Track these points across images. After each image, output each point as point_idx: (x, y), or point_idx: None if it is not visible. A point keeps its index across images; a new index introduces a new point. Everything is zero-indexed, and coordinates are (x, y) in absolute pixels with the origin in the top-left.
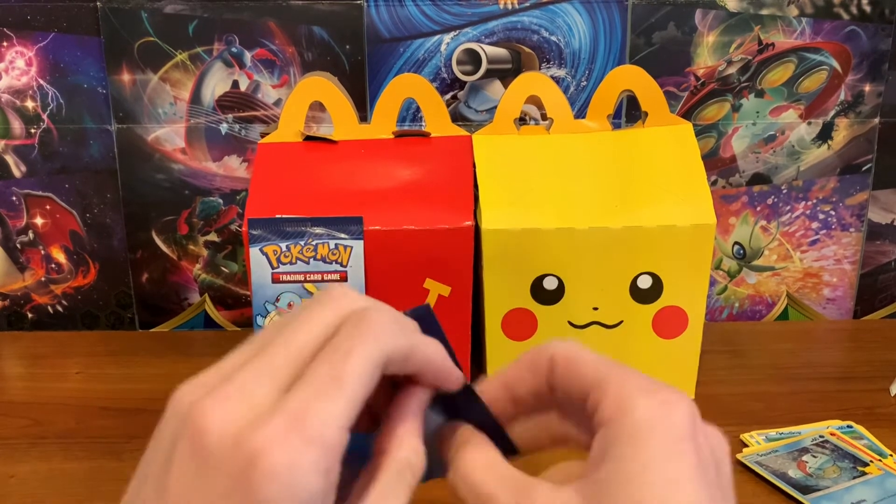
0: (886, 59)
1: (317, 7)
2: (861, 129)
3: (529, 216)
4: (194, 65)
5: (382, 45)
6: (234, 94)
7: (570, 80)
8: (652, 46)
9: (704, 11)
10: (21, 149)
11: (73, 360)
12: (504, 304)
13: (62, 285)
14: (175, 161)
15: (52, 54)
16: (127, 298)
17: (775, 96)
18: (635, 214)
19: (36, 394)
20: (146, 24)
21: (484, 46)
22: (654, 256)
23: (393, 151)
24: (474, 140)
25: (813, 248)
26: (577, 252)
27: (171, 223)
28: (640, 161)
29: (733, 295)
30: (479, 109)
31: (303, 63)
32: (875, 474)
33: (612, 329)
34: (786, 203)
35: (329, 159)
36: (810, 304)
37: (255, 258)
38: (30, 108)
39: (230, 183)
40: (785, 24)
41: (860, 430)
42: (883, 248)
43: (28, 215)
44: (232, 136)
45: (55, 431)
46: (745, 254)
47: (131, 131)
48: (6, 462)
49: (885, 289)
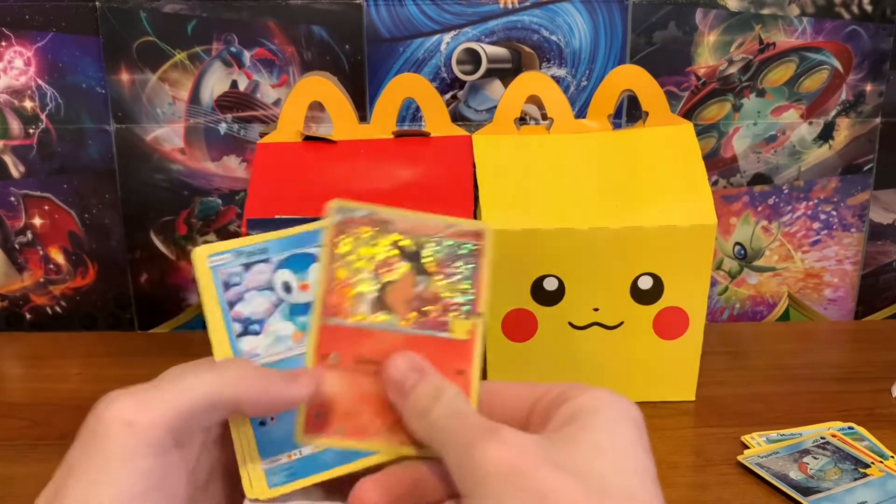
0: (887, 59)
1: (316, 6)
2: (862, 128)
3: (529, 216)
4: (193, 64)
5: (382, 44)
6: (233, 94)
7: (570, 80)
8: (652, 46)
9: (705, 11)
10: (19, 149)
11: (72, 362)
12: (504, 305)
13: (61, 286)
14: (174, 161)
15: (50, 54)
16: (126, 299)
17: (776, 96)
18: (636, 215)
19: (35, 395)
20: (145, 24)
21: (484, 46)
22: (654, 257)
23: (393, 151)
24: (474, 140)
25: (814, 249)
26: (578, 252)
27: (169, 223)
28: (640, 161)
29: (734, 295)
30: (479, 109)
31: (302, 63)
32: (876, 476)
33: (612, 330)
34: (787, 203)
35: (328, 159)
36: (811, 304)
37: None
38: (28, 108)
39: (229, 183)
40: (786, 24)
41: (861, 432)
42: (884, 249)
43: (26, 216)
44: (231, 136)
45: (54, 433)
46: (746, 254)
47: (130, 131)
48: (5, 464)
49: (886, 289)
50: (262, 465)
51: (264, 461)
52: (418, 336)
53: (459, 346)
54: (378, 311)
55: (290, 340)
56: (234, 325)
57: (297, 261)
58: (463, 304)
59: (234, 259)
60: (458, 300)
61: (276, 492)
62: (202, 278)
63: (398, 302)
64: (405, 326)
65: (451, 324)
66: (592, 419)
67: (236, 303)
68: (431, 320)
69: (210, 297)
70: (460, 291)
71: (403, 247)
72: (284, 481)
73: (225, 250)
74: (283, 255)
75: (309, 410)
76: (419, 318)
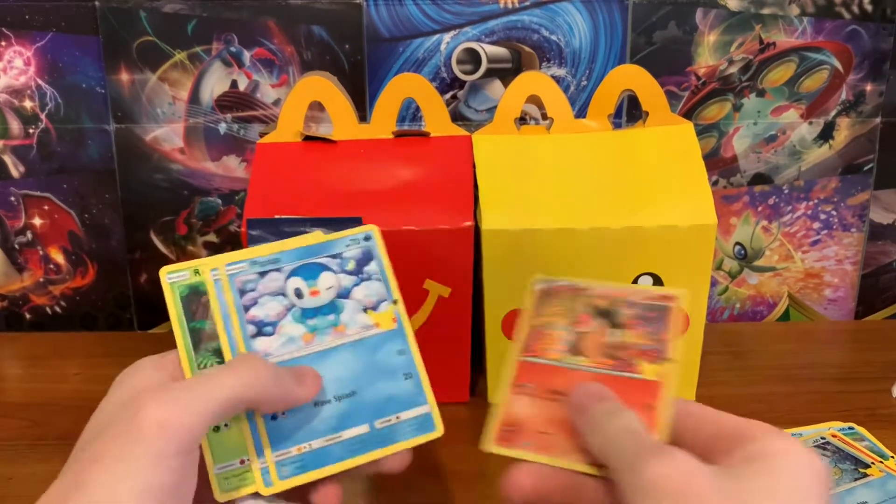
0: (888, 59)
1: (316, 6)
2: (862, 128)
3: (529, 216)
4: (193, 64)
5: (382, 44)
6: (233, 94)
7: (570, 80)
8: (652, 46)
9: (705, 10)
10: (19, 149)
11: (72, 362)
12: (504, 305)
13: (60, 286)
14: (174, 161)
15: (50, 54)
16: (126, 299)
17: (776, 96)
18: (636, 215)
19: (34, 395)
20: (145, 24)
21: (484, 46)
22: (654, 257)
23: (392, 151)
24: (474, 140)
25: (814, 249)
26: (578, 252)
27: (169, 223)
28: (640, 161)
29: (734, 295)
30: (479, 109)
31: (302, 62)
32: (876, 476)
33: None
34: (787, 203)
35: (328, 159)
36: (811, 304)
37: None
38: (28, 107)
39: (229, 183)
40: (786, 24)
41: (861, 432)
42: (884, 249)
43: (26, 216)
44: (231, 136)
45: (54, 433)
46: (746, 254)
47: (130, 131)
48: (4, 464)
49: (886, 289)
50: (273, 457)
51: (275, 453)
52: (608, 375)
53: (649, 385)
54: (571, 354)
55: (301, 341)
56: (249, 327)
57: (307, 270)
58: (652, 351)
59: (249, 268)
60: (649, 348)
61: (286, 484)
62: (211, 290)
63: (591, 348)
64: (596, 367)
65: (640, 367)
66: (773, 463)
67: (251, 307)
68: (622, 363)
69: (218, 307)
70: (651, 341)
71: (598, 306)
72: (294, 473)
73: (241, 260)
74: (294, 265)
75: (500, 424)
76: (610, 361)
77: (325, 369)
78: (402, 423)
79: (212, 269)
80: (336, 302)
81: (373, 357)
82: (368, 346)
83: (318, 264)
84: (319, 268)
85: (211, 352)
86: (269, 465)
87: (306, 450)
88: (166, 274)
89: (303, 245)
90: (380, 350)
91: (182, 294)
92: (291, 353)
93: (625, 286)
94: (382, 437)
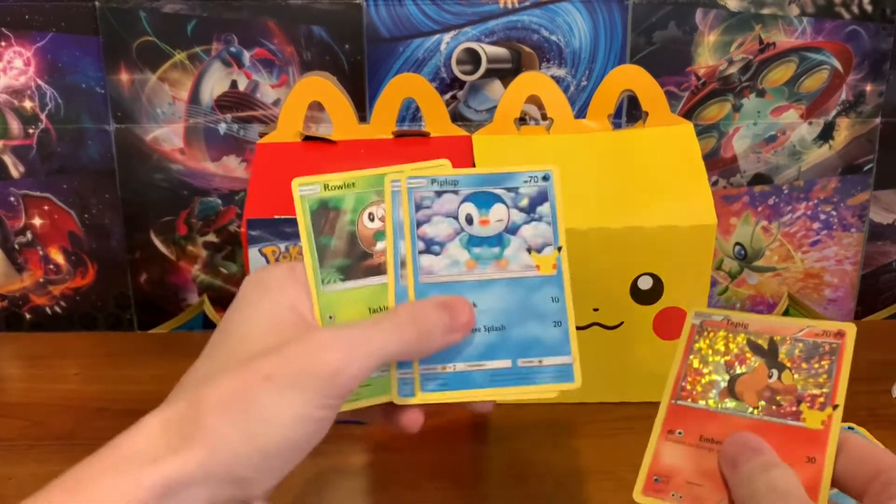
0: (888, 59)
1: (316, 6)
2: (862, 128)
3: None
4: (193, 64)
5: (382, 44)
6: (233, 94)
7: (570, 80)
8: (652, 46)
9: (705, 11)
10: (19, 149)
11: (72, 362)
12: None
13: (60, 286)
14: (173, 161)
15: (50, 54)
16: (125, 299)
17: (776, 96)
18: (636, 215)
19: (34, 395)
20: (144, 24)
21: (484, 46)
22: (654, 257)
23: (392, 151)
24: (474, 140)
25: (814, 249)
26: (577, 252)
27: (169, 224)
28: (640, 161)
29: (734, 295)
30: (479, 109)
31: (302, 63)
32: None
33: (612, 330)
34: (787, 203)
35: (328, 159)
36: (811, 304)
37: (254, 259)
38: (28, 108)
39: (229, 183)
40: (786, 24)
41: (861, 432)
42: (884, 249)
43: (26, 216)
44: (230, 136)
45: (53, 433)
46: (746, 254)
47: (130, 131)
48: (4, 464)
49: (886, 289)
50: (419, 370)
51: (421, 367)
52: (767, 422)
53: (812, 434)
54: (727, 398)
55: (464, 266)
56: (419, 243)
57: (482, 198)
58: (818, 395)
59: (428, 185)
60: (813, 391)
61: (427, 397)
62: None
63: (748, 391)
64: (754, 413)
65: (803, 413)
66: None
67: (424, 223)
68: (782, 409)
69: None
70: (816, 384)
71: (758, 344)
72: (436, 389)
73: (421, 175)
74: (471, 190)
75: (649, 473)
76: (769, 406)
77: (481, 299)
78: (543, 367)
79: (392, 180)
80: (503, 236)
81: (528, 298)
82: (525, 286)
83: (494, 195)
84: (494, 198)
85: (335, 269)
86: (416, 376)
87: (450, 370)
88: (298, 186)
89: (483, 173)
90: (536, 293)
91: (312, 208)
92: (453, 277)
93: (788, 320)
94: (522, 375)
